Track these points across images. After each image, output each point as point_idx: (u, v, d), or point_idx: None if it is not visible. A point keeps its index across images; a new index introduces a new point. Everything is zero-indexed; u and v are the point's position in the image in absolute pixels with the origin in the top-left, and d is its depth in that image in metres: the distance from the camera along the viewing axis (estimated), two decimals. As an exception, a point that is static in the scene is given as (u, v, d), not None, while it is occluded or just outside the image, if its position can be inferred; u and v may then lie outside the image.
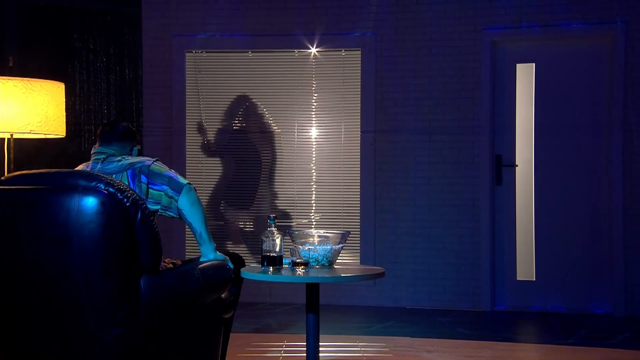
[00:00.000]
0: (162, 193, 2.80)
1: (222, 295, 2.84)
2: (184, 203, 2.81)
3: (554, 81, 5.22)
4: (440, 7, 5.27)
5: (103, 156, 2.88)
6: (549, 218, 5.23)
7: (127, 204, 2.38)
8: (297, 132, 5.48)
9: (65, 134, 3.81)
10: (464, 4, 5.26)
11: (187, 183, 2.84)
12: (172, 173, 2.84)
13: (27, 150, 5.19)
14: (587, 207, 5.19)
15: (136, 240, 2.41)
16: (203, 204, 5.39)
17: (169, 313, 2.51)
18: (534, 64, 5.23)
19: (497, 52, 5.25)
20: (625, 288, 5.01)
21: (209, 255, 2.90)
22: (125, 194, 2.39)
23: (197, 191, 5.21)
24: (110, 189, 2.37)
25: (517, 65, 5.26)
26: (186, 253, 5.48)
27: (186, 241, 5.51)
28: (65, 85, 3.84)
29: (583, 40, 5.19)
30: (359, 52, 5.37)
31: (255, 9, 5.47)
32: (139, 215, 2.40)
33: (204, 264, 2.75)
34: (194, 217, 2.84)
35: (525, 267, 5.27)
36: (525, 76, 5.27)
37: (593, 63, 5.17)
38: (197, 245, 5.14)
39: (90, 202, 2.32)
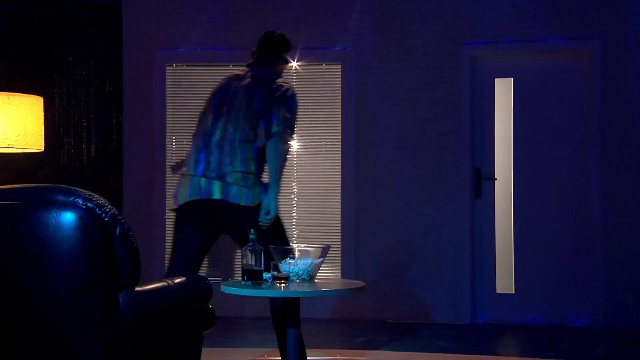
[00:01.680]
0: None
1: (202, 311, 2.80)
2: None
3: (532, 96, 5.27)
4: (420, 21, 5.31)
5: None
6: (528, 231, 5.26)
7: (106, 219, 2.36)
8: None
9: (43, 148, 3.78)
10: (443, 18, 5.31)
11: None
12: None
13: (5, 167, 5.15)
14: (565, 221, 5.23)
15: (115, 256, 2.38)
16: None
17: (149, 328, 2.50)
18: (512, 79, 5.27)
19: (476, 67, 5.30)
20: (604, 301, 5.05)
21: (265, 199, 3.14)
22: (104, 209, 2.38)
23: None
24: (89, 204, 2.35)
25: (496, 79, 5.32)
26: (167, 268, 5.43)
27: (166, 256, 5.47)
28: (44, 98, 3.82)
29: (561, 55, 5.25)
30: (340, 66, 5.40)
31: (238, 23, 5.48)
32: (118, 230, 2.39)
33: (183, 279, 2.71)
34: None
35: (505, 280, 5.30)
36: (504, 91, 5.32)
37: (571, 78, 5.22)
38: None
39: (68, 218, 2.30)
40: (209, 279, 2.85)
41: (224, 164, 3.22)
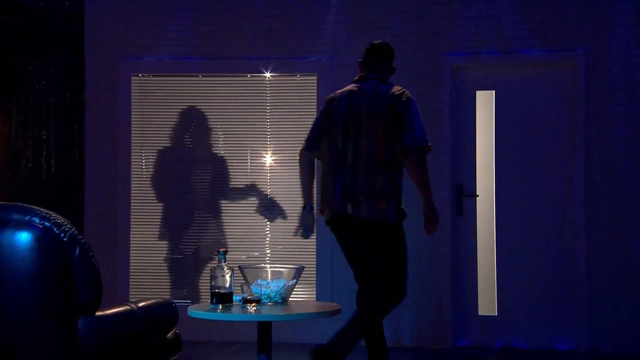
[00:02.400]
0: None
1: (168, 336, 2.80)
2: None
3: (515, 109, 5.29)
4: (399, 31, 5.31)
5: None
6: (511, 251, 5.27)
7: (64, 239, 2.33)
8: (251, 159, 5.46)
9: (-1, 163, 3.73)
10: (423, 29, 5.33)
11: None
12: None
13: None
14: (550, 239, 5.24)
15: (74, 278, 2.36)
16: (149, 236, 5.43)
17: (110, 355, 2.46)
18: (493, 91, 5.30)
19: (457, 79, 5.32)
20: (589, 324, 5.06)
21: (427, 209, 3.59)
22: (63, 228, 2.34)
23: (143, 224, 5.42)
24: (46, 223, 2.32)
25: (477, 92, 5.34)
26: (131, 291, 5.40)
27: (131, 277, 5.43)
28: (0, 109, 3.76)
29: (544, 67, 5.29)
30: (315, 77, 5.40)
31: (208, 32, 5.47)
32: (77, 251, 2.36)
33: (148, 302, 2.69)
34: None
35: (487, 302, 5.29)
36: (485, 103, 5.35)
37: (554, 90, 5.26)
38: (146, 283, 5.40)
39: (23, 238, 2.27)
40: (175, 301, 2.84)
41: (361, 185, 3.48)
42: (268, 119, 5.48)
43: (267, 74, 5.40)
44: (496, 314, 5.26)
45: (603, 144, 5.12)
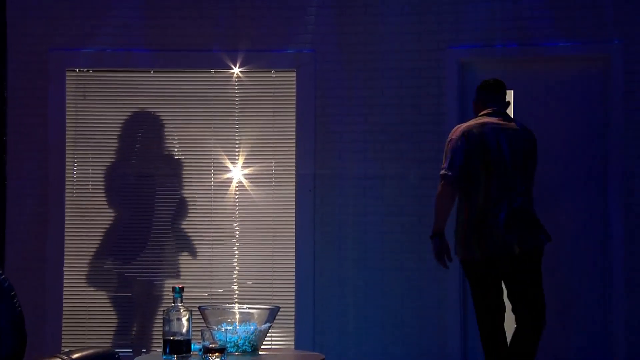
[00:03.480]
0: None
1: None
2: None
3: (536, 112, 5.23)
4: (394, 19, 5.29)
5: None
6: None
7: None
8: (215, 173, 5.41)
9: None
10: (424, 16, 5.30)
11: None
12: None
13: None
14: (577, 266, 5.19)
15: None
16: (87, 269, 5.36)
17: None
18: (512, 91, 5.20)
19: (465, 76, 5.27)
20: (624, 337, 5.01)
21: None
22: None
23: (79, 254, 5.29)
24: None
25: (491, 92, 5.28)
26: (64, 338, 5.28)
27: (64, 321, 5.30)
28: None
29: (572, 62, 5.27)
30: (294, 74, 5.37)
31: (161, 18, 5.42)
32: (-5, 291, 2.18)
33: (85, 353, 2.59)
34: None
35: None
36: (502, 106, 5.29)
37: (584, 90, 5.23)
38: (82, 328, 5.28)
39: None
40: (119, 351, 3.01)
41: (527, 217, 4.31)
42: (236, 124, 5.43)
43: (235, 70, 5.37)
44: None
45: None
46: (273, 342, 5.16)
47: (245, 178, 5.38)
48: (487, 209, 4.23)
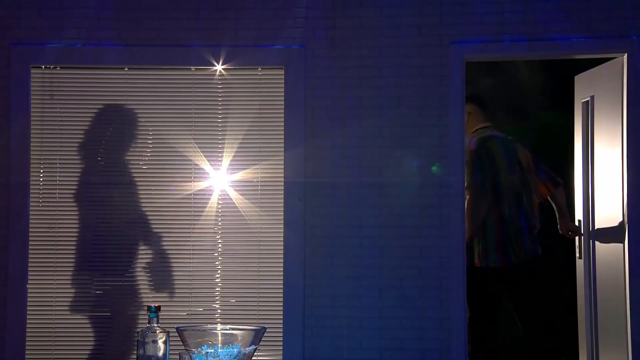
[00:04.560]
0: None
1: None
2: None
3: None
4: (392, 12, 5.18)
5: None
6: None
7: None
8: (195, 180, 5.29)
9: None
10: (424, 9, 5.19)
11: None
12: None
13: None
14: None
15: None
16: (53, 287, 5.20)
17: None
18: None
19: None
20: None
21: None
22: None
23: (45, 270, 5.10)
24: None
25: (498, 92, 5.28)
26: None
27: (27, 345, 5.11)
28: None
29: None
30: (282, 72, 5.28)
31: (135, 10, 5.28)
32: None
33: None
34: None
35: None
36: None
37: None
38: (47, 352, 5.09)
39: None
40: None
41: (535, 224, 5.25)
42: (219, 127, 5.31)
43: (218, 67, 5.25)
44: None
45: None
46: (260, 366, 5.06)
47: (229, 186, 5.28)
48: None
